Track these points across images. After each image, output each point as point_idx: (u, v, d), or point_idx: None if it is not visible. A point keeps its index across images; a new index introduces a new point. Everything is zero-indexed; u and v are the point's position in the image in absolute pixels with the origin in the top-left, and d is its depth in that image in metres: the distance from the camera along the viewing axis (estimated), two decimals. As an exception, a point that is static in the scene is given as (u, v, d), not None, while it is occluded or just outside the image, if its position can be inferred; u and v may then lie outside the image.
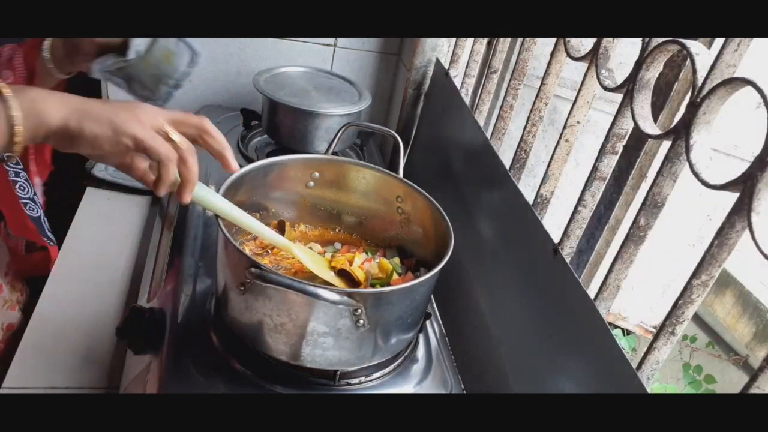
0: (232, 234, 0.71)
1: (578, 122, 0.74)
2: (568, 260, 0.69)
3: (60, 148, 0.61)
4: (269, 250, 0.89)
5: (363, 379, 0.78)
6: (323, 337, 0.68)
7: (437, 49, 1.23)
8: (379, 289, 0.75)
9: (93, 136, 0.58)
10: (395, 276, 0.84)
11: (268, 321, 0.69)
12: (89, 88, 0.88)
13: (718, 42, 0.54)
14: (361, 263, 0.84)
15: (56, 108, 0.57)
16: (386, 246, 0.93)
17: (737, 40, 0.51)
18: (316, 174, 0.90)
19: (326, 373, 0.76)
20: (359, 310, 0.66)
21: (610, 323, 0.60)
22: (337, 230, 0.96)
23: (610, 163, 0.68)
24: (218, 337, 0.79)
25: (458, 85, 1.10)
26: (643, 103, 0.62)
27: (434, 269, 0.71)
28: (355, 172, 0.90)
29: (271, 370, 0.75)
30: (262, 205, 0.89)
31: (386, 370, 0.80)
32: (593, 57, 0.70)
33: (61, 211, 1.17)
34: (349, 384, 0.77)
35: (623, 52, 0.70)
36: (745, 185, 0.48)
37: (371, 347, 0.72)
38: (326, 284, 0.78)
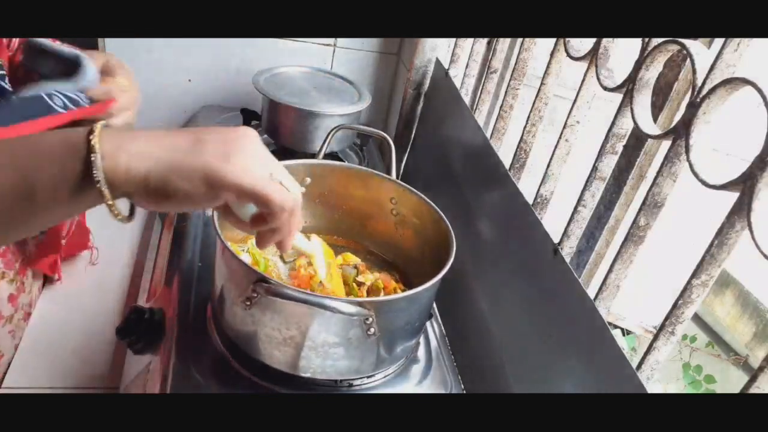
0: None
1: (578, 122, 0.74)
2: (568, 260, 0.69)
3: (146, 207, 0.49)
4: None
5: (365, 380, 0.78)
6: (334, 348, 0.68)
7: (437, 49, 1.23)
8: (388, 297, 0.75)
9: (183, 193, 0.46)
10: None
11: (277, 335, 0.67)
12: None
13: (718, 42, 0.54)
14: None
15: (137, 159, 0.45)
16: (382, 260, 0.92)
17: (737, 40, 0.51)
18: (308, 179, 0.88)
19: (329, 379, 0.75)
20: (370, 319, 0.65)
21: (610, 323, 0.60)
22: (335, 237, 0.95)
23: (610, 163, 0.68)
24: (218, 337, 0.79)
25: (458, 85, 1.10)
26: (643, 103, 0.62)
27: (440, 273, 0.71)
28: (347, 175, 0.89)
29: (272, 371, 0.75)
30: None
31: (388, 371, 0.80)
32: (593, 57, 0.70)
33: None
34: (351, 385, 0.77)
35: (626, 48, 0.70)
36: (745, 185, 0.48)
37: (380, 354, 0.72)
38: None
